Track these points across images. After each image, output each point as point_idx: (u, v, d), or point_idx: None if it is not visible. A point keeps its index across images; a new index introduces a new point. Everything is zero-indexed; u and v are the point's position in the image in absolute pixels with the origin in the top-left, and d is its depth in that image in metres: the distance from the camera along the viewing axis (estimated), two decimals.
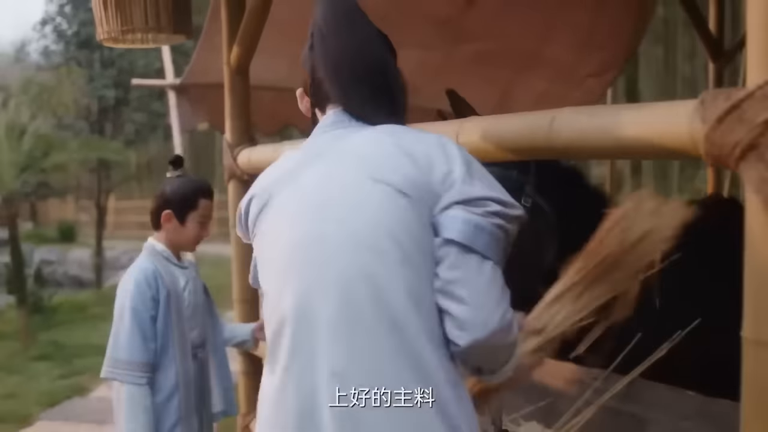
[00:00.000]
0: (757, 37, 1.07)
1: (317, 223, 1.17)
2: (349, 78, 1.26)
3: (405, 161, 1.16)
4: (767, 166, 1.03)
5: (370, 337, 1.12)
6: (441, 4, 3.83)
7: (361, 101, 1.25)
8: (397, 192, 1.14)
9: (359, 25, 1.28)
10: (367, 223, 1.14)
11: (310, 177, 1.21)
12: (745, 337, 1.08)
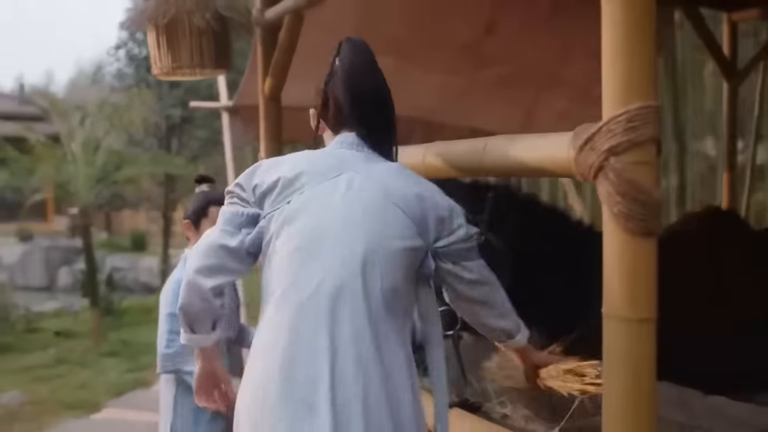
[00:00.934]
0: (608, 81, 1.42)
1: (350, 226, 1.51)
2: (368, 110, 1.61)
3: (415, 199, 1.54)
4: (611, 183, 1.37)
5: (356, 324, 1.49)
6: (462, 31, 4.14)
7: (373, 130, 1.61)
8: (410, 219, 1.53)
9: (378, 72, 1.66)
10: (386, 239, 1.51)
11: (345, 182, 1.54)
12: (604, 312, 1.42)
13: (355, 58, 1.65)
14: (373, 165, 1.58)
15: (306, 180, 1.55)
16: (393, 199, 1.53)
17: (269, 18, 3.13)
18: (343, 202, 1.52)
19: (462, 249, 1.59)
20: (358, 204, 1.52)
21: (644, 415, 1.36)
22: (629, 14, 1.36)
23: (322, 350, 1.47)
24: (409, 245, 1.52)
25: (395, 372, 1.50)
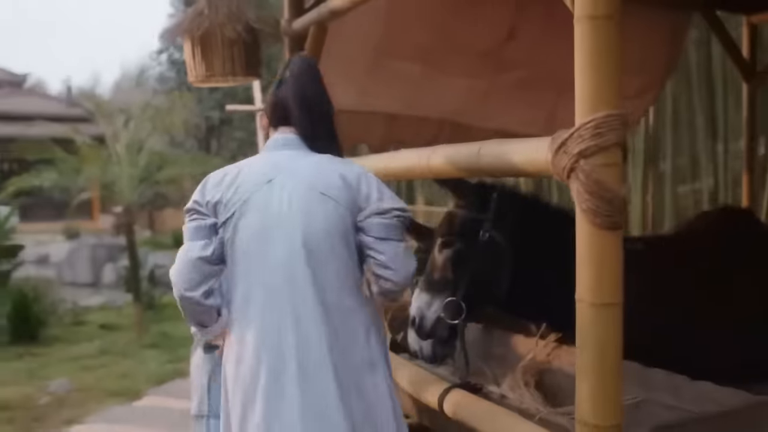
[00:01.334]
0: (579, 92, 1.60)
1: (284, 221, 1.77)
2: (308, 111, 1.89)
3: (341, 183, 1.78)
4: (580, 183, 1.54)
5: (323, 302, 1.77)
6: (483, 38, 4.28)
7: (311, 129, 1.89)
8: (337, 203, 1.77)
9: (318, 79, 1.95)
10: (317, 225, 1.77)
11: (282, 184, 1.79)
12: (576, 298, 1.59)
13: (302, 70, 1.94)
14: (302, 162, 1.84)
15: (246, 189, 1.81)
16: (319, 188, 1.78)
17: (296, 28, 3.34)
18: (279, 204, 1.77)
19: (383, 224, 1.80)
20: (291, 202, 1.77)
21: (610, 387, 1.53)
22: (597, 34, 1.52)
23: (287, 341, 1.75)
24: (341, 224, 1.77)
25: (351, 337, 1.80)
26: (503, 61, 4.48)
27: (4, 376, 6.27)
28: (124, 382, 6.06)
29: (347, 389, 1.75)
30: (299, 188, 1.79)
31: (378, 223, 1.79)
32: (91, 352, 7.24)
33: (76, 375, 6.26)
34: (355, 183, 1.80)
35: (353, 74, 4.39)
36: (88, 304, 10.19)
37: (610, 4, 1.52)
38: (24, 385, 5.90)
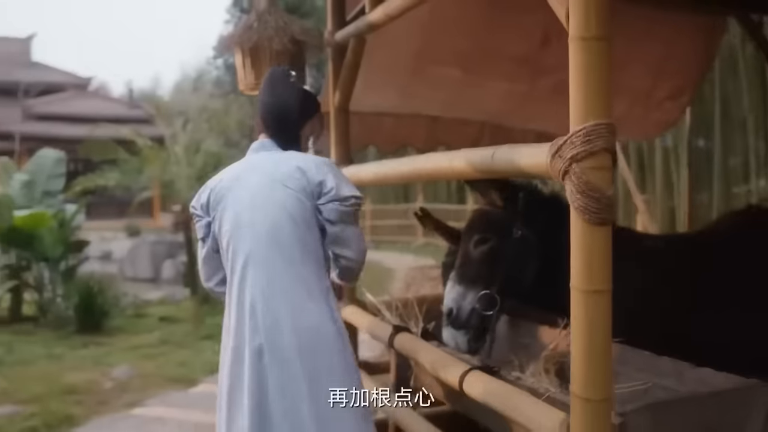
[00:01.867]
0: (572, 104, 1.79)
1: (253, 210, 2.11)
2: (270, 120, 2.24)
3: (299, 175, 2.10)
4: (573, 184, 1.74)
5: (284, 281, 2.09)
6: (518, 44, 4.46)
7: (276, 134, 2.23)
8: (296, 193, 2.09)
9: (280, 89, 2.25)
10: (279, 211, 2.09)
11: (250, 182, 2.14)
12: (571, 285, 1.79)
13: (266, 84, 2.30)
14: (270, 160, 2.18)
15: (226, 189, 2.16)
16: (280, 180, 2.11)
17: (338, 40, 3.60)
18: (250, 199, 2.11)
19: (339, 211, 2.12)
20: (257, 195, 2.11)
21: (600, 365, 1.72)
22: (588, 53, 1.73)
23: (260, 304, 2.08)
24: (299, 210, 2.08)
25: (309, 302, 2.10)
26: (540, 65, 4.65)
27: (71, 362, 6.70)
28: (181, 369, 6.39)
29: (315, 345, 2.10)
30: (265, 182, 2.13)
31: (335, 209, 2.12)
32: (151, 342, 7.62)
33: (138, 362, 6.63)
34: (309, 173, 2.12)
35: (395, 79, 4.63)
36: (149, 298, 10.63)
37: (601, 26, 1.72)
38: (90, 371, 6.30)
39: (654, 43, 4.47)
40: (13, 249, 8.81)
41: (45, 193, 9.47)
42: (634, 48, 4.50)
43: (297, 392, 2.06)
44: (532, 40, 4.44)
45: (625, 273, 2.76)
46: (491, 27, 4.27)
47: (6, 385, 5.73)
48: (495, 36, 4.33)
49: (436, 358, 2.63)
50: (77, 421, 4.97)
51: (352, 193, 2.14)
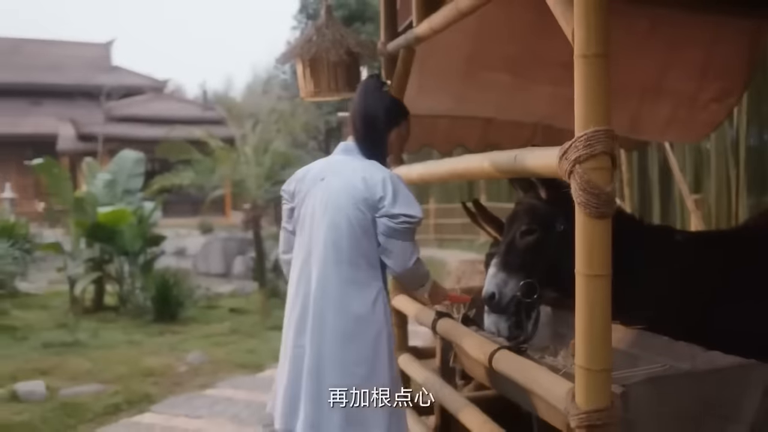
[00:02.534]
0: (578, 110, 2.05)
1: (323, 211, 2.42)
2: (358, 125, 2.54)
3: (364, 187, 2.38)
4: (576, 182, 1.99)
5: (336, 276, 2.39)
6: (562, 50, 4.65)
7: (362, 138, 2.53)
8: (357, 202, 2.38)
9: (370, 96, 2.55)
10: (341, 216, 2.39)
11: (329, 183, 2.45)
12: (576, 271, 2.05)
13: (359, 92, 2.62)
14: (348, 166, 2.48)
15: (308, 184, 2.49)
16: (349, 189, 2.41)
17: (390, 50, 3.91)
18: (323, 197, 2.41)
19: (389, 227, 2.37)
20: (329, 198, 2.40)
21: (599, 339, 1.97)
22: (589, 69, 1.98)
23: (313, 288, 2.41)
24: (358, 218, 2.35)
25: (354, 300, 2.40)
26: None
27: (149, 348, 7.23)
28: (249, 356, 6.81)
29: (357, 333, 2.40)
30: (338, 186, 2.43)
31: (385, 224, 2.38)
32: (222, 331, 8.10)
33: (209, 349, 7.09)
34: (373, 187, 2.39)
35: (448, 84, 4.90)
36: (220, 291, 11.18)
37: (599, 45, 1.97)
38: (166, 356, 6.79)
39: (695, 47, 4.59)
40: (96, 243, 9.45)
41: (125, 191, 10.10)
42: (675, 52, 4.64)
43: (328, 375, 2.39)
44: None
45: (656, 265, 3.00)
46: (537, 33, 4.46)
47: (91, 366, 6.27)
48: (541, 42, 4.53)
49: (472, 340, 2.92)
50: (155, 399, 5.44)
51: (402, 211, 2.38)
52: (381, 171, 2.46)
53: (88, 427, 4.82)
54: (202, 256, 15.31)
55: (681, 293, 2.96)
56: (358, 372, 2.37)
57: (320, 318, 2.41)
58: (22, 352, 6.85)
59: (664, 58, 4.74)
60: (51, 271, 11.20)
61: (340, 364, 2.38)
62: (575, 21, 2.02)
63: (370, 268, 2.42)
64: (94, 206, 9.32)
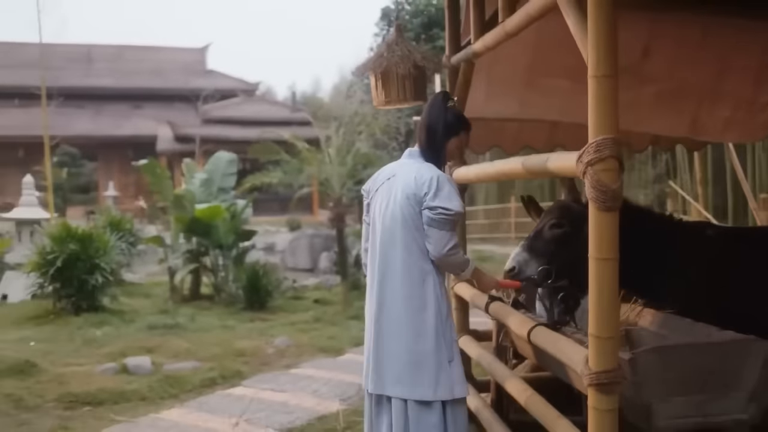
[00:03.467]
0: (590, 121, 2.45)
1: (387, 207, 2.90)
2: (421, 135, 3.02)
3: (415, 185, 2.83)
4: (589, 181, 2.40)
5: (395, 258, 2.84)
6: (621, 56, 4.97)
7: (423, 146, 3.00)
8: (409, 199, 2.83)
9: (434, 110, 3.02)
10: (398, 211, 2.86)
11: (394, 183, 2.90)
12: (590, 255, 2.45)
13: (426, 105, 3.11)
14: (410, 168, 2.94)
15: (379, 182, 2.97)
16: (405, 188, 2.88)
17: (453, 63, 4.35)
18: (387, 193, 2.88)
19: (429, 217, 2.80)
20: (392, 196, 2.86)
21: (607, 312, 2.37)
22: (599, 87, 2.38)
23: (377, 269, 2.92)
24: (411, 210, 2.80)
25: (418, 295, 2.85)
26: (643, 75, 5.11)
27: (240, 332, 7.91)
28: (330, 342, 7.36)
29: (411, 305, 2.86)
30: (400, 186, 2.89)
31: (426, 215, 2.84)
32: (306, 319, 8.72)
33: (294, 335, 7.71)
34: (422, 186, 2.84)
35: (513, 90, 5.30)
36: (306, 284, 11.87)
37: (608, 67, 2.37)
38: (255, 340, 7.44)
39: (749, 53, 4.81)
40: (193, 237, 10.27)
41: (220, 189, 10.91)
42: (729, 59, 4.87)
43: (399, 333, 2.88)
44: (633, 52, 4.94)
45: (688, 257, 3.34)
46: None
47: (189, 346, 6.97)
48: None
49: (516, 319, 3.34)
50: (245, 375, 6.06)
51: (440, 204, 2.82)
52: (431, 171, 2.91)
53: (188, 395, 5.46)
54: (289, 252, 15.96)
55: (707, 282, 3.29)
56: (406, 338, 2.85)
57: (383, 294, 2.91)
58: (130, 333, 7.65)
59: (719, 64, 4.97)
60: (150, 264, 12.16)
61: (396, 332, 2.87)
62: (588, 46, 2.42)
63: (420, 253, 2.88)
64: (192, 203, 10.14)
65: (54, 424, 4.73)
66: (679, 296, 3.28)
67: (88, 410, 5.08)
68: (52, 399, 5.26)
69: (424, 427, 2.85)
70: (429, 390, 2.87)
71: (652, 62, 5.00)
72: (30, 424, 4.74)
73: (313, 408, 4.99)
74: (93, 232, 8.86)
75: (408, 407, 2.87)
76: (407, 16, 15.13)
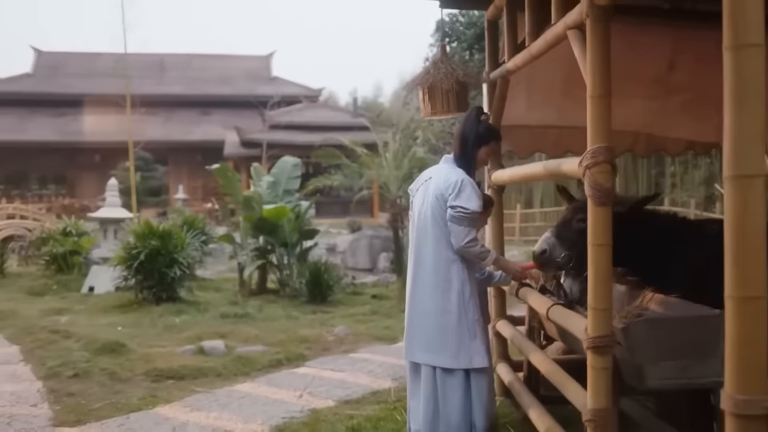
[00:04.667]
0: (588, 132, 3.00)
1: (421, 204, 3.51)
2: (455, 144, 3.60)
3: (443, 185, 3.41)
4: (588, 181, 2.95)
5: (427, 247, 3.45)
6: (648, 68, 5.44)
7: (456, 153, 3.56)
8: (437, 198, 3.42)
9: (468, 123, 3.61)
10: (428, 207, 3.45)
11: (428, 183, 3.51)
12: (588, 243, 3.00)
13: (463, 118, 3.71)
14: (443, 171, 3.52)
15: (419, 183, 3.54)
16: (436, 188, 3.46)
17: (492, 78, 4.92)
18: (424, 193, 3.45)
19: (450, 214, 3.36)
20: (426, 195, 3.43)
21: (602, 288, 2.92)
22: (595, 106, 2.93)
23: (413, 258, 3.50)
24: (438, 208, 3.37)
25: (444, 277, 3.41)
26: (669, 86, 5.59)
27: (304, 322, 8.61)
28: (385, 331, 7.99)
29: (435, 292, 3.43)
30: (431, 186, 3.49)
31: (448, 212, 3.41)
32: (363, 312, 9.38)
33: (353, 325, 8.36)
34: (449, 185, 3.41)
35: (551, 99, 5.82)
36: (364, 281, 12.55)
37: (602, 87, 2.92)
38: (317, 329, 8.12)
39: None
40: (261, 235, 11.06)
41: (285, 191, 11.67)
42: None
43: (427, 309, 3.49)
44: (660, 65, 5.42)
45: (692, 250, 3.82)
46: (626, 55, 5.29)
47: (258, 333, 7.70)
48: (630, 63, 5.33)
49: (539, 300, 3.89)
50: (308, 358, 6.73)
51: (459, 204, 3.40)
52: (457, 175, 3.49)
53: (258, 373, 6.15)
54: (350, 252, 16.77)
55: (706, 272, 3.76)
56: (434, 314, 3.45)
57: (416, 278, 3.52)
58: (204, 321, 8.45)
59: None
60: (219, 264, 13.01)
61: (425, 309, 3.48)
62: (588, 71, 2.97)
63: (447, 245, 3.47)
64: (259, 204, 10.92)
65: (144, 393, 5.47)
66: (683, 284, 3.78)
67: (172, 383, 5.81)
68: (141, 373, 6.02)
69: (449, 390, 3.45)
70: (451, 359, 3.46)
71: (677, 74, 5.47)
72: (124, 392, 5.49)
73: (368, 385, 5.61)
74: (171, 230, 9.72)
75: (436, 373, 3.47)
76: (461, 27, 15.68)
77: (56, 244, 12.39)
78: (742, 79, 1.98)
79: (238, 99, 36.85)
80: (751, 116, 1.97)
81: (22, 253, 14.69)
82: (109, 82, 37.36)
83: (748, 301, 1.99)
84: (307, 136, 24.69)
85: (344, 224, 21.99)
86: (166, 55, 39.17)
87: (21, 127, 34.91)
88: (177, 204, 26.59)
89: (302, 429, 4.45)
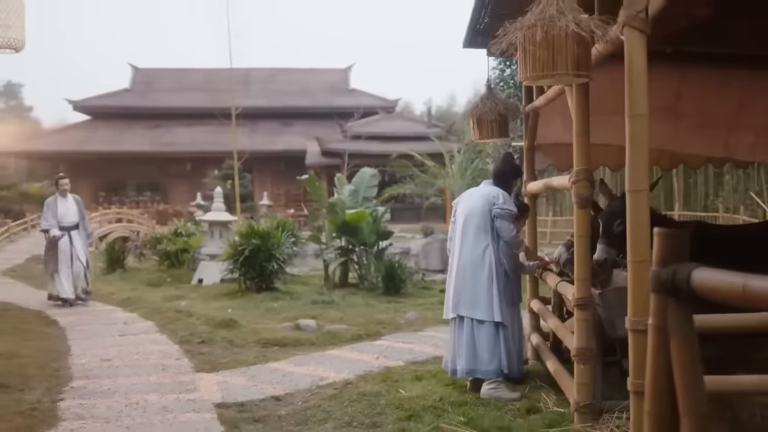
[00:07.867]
0: (574, 156, 4.39)
1: (466, 207, 5.06)
2: (495, 176, 5.19)
3: (489, 194, 4.97)
4: (574, 192, 4.34)
5: (470, 233, 4.95)
6: (659, 99, 6.63)
7: (494, 180, 5.13)
8: (484, 201, 4.94)
9: (502, 163, 5.18)
10: (474, 208, 5.00)
11: (471, 194, 5.09)
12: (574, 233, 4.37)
13: (500, 158, 5.29)
14: (486, 188, 5.06)
15: (463, 196, 5.04)
16: (481, 195, 4.97)
17: (527, 110, 6.32)
18: (468, 201, 4.98)
19: (497, 212, 4.81)
20: (471, 201, 4.95)
21: (583, 269, 4.30)
22: (578, 142, 4.33)
23: (458, 242, 4.97)
24: (486, 208, 4.87)
25: (480, 256, 4.88)
26: (678, 113, 6.77)
27: (379, 309, 10.12)
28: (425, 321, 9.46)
29: (473, 266, 4.87)
30: (477, 196, 5.00)
31: (497, 212, 4.86)
32: (432, 303, 10.77)
33: (421, 312, 9.80)
34: (496, 195, 4.90)
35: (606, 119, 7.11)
36: (434, 279, 13.99)
37: (584, 125, 4.32)
38: (391, 314, 9.61)
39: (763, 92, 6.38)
40: (343, 236, 12.67)
41: (364, 198, 13.26)
42: (748, 94, 6.36)
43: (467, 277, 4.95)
44: (668, 96, 6.65)
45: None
46: None
47: (342, 316, 9.28)
48: None
49: (552, 277, 5.29)
50: (383, 334, 8.23)
51: (504, 206, 4.92)
52: (498, 190, 5.03)
53: (344, 344, 7.68)
54: (422, 255, 17.92)
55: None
56: (472, 283, 4.91)
57: (461, 257, 4.99)
58: (298, 306, 10.10)
59: (738, 102, 6.58)
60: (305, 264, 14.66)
61: (467, 280, 4.94)
62: (573, 112, 4.37)
63: (484, 233, 4.93)
64: (342, 209, 12.54)
65: (257, 354, 7.08)
66: None
67: (277, 348, 7.42)
68: (252, 341, 7.65)
69: (483, 336, 4.91)
70: (482, 313, 4.92)
71: (684, 103, 6.68)
72: (241, 353, 7.12)
73: (431, 352, 7.06)
74: (270, 230, 11.44)
75: (473, 324, 4.92)
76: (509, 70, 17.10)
77: (169, 243, 14.40)
78: (634, 133, 3.36)
79: (318, 110, 38.84)
80: (640, 155, 3.36)
81: (136, 251, 16.87)
82: (196, 96, 39.88)
83: (641, 264, 3.37)
84: (383, 146, 26.20)
85: (417, 229, 23.33)
86: (251, 69, 41.58)
87: (120, 138, 37.87)
88: (262, 209, 28.48)
89: (378, 376, 5.95)
